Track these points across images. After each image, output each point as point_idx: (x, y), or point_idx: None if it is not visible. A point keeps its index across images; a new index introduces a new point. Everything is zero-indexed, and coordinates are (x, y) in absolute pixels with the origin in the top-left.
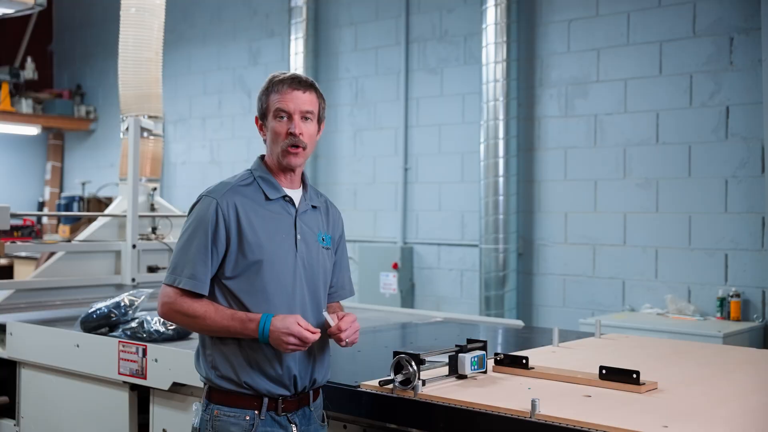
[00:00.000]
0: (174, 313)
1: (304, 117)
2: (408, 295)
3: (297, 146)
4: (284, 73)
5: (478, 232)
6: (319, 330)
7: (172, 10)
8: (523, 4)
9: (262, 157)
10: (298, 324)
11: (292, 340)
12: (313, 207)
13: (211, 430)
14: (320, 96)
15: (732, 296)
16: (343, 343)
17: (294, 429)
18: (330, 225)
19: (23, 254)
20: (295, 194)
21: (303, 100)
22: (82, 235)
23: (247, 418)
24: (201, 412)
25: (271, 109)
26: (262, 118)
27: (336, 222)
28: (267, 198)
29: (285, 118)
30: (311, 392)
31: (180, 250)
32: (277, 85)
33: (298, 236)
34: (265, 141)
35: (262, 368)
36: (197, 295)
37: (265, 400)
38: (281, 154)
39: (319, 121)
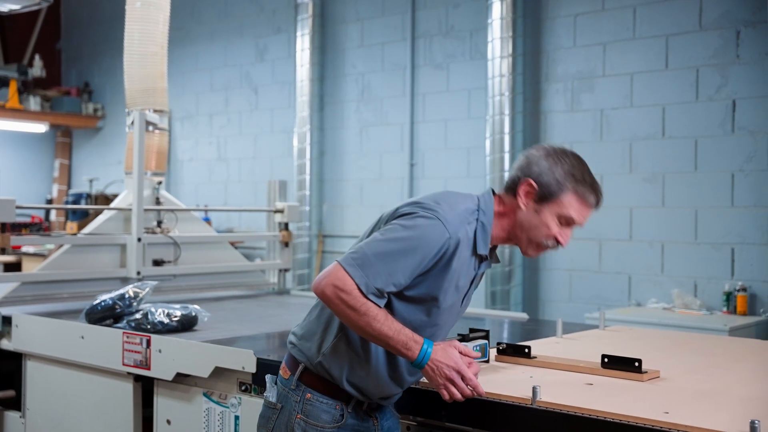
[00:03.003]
0: (339, 300)
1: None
2: None
3: (549, 249)
4: (594, 180)
5: None
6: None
7: (179, 7)
8: None
9: (495, 196)
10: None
11: (455, 377)
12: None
13: (300, 413)
14: None
15: (738, 290)
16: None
17: (374, 422)
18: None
19: (31, 251)
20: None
21: (587, 218)
22: (88, 228)
23: (338, 407)
24: (288, 390)
25: (564, 208)
26: (541, 196)
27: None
28: (475, 251)
29: (564, 226)
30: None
31: (386, 255)
32: (589, 194)
33: (469, 291)
34: (514, 194)
35: (366, 391)
36: None
37: (355, 399)
38: (533, 244)
39: None
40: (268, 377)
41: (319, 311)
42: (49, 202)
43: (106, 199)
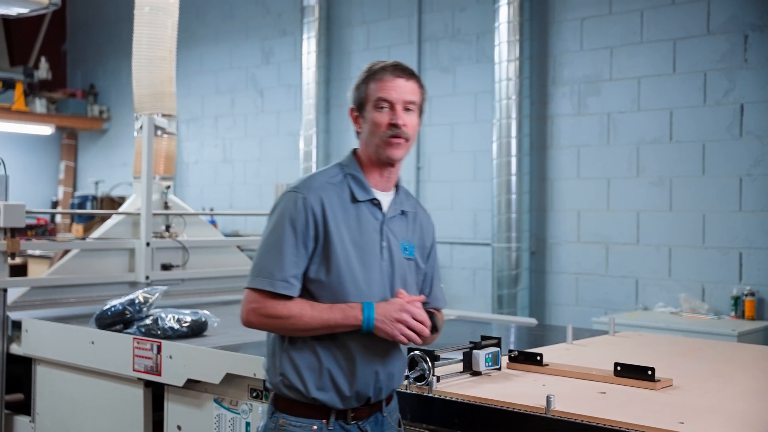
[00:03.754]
0: (262, 318)
1: (407, 108)
2: None
3: (399, 137)
4: (383, 61)
5: (490, 231)
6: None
7: (184, 10)
8: (536, 2)
9: (355, 151)
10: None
11: (404, 317)
12: (402, 213)
13: None
14: (422, 85)
15: (746, 295)
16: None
17: None
18: (416, 233)
19: (37, 253)
20: (385, 197)
21: (406, 89)
22: (97, 232)
23: (315, 428)
24: (266, 418)
25: (371, 98)
26: (359, 108)
27: (425, 230)
28: (354, 199)
29: (386, 109)
30: (384, 398)
31: (267, 251)
32: (378, 72)
33: (384, 244)
34: (358, 134)
35: (336, 385)
36: (287, 297)
37: (334, 410)
38: (381, 145)
39: (421, 112)
40: (261, 408)
41: (266, 338)
42: (55, 204)
43: (112, 202)
